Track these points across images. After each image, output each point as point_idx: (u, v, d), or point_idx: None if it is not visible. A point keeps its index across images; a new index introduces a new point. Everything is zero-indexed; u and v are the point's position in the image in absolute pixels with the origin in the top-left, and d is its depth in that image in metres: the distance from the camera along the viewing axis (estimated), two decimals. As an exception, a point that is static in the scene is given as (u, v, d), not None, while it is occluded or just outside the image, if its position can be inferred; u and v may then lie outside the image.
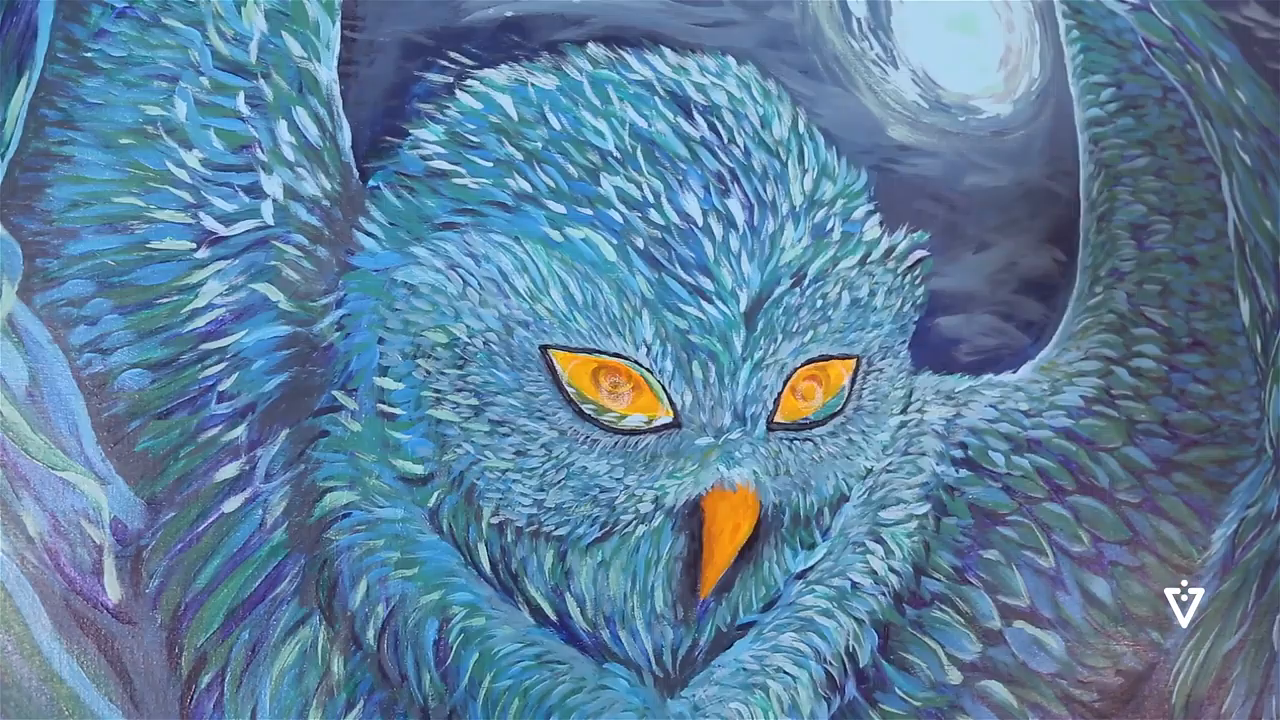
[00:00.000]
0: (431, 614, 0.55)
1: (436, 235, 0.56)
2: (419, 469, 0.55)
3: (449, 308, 0.55)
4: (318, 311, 0.54)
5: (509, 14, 0.58)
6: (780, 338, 0.59)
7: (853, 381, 0.61)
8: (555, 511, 0.57)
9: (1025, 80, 0.68)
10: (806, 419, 0.60)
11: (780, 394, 0.59)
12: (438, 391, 0.56)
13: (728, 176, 0.58)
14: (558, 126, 0.57)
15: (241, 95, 0.54)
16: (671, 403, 0.57)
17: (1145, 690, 0.66)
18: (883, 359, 0.63)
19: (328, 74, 0.55)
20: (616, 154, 0.57)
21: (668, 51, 0.60)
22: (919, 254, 0.64)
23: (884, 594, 0.63)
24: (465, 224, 0.56)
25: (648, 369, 0.57)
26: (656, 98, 0.58)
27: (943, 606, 0.63)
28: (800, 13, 0.63)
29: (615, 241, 0.57)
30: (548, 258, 0.56)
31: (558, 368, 0.56)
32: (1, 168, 0.51)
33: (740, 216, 0.58)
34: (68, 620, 0.50)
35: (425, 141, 0.56)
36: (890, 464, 0.64)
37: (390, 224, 0.55)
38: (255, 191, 0.54)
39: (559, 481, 0.57)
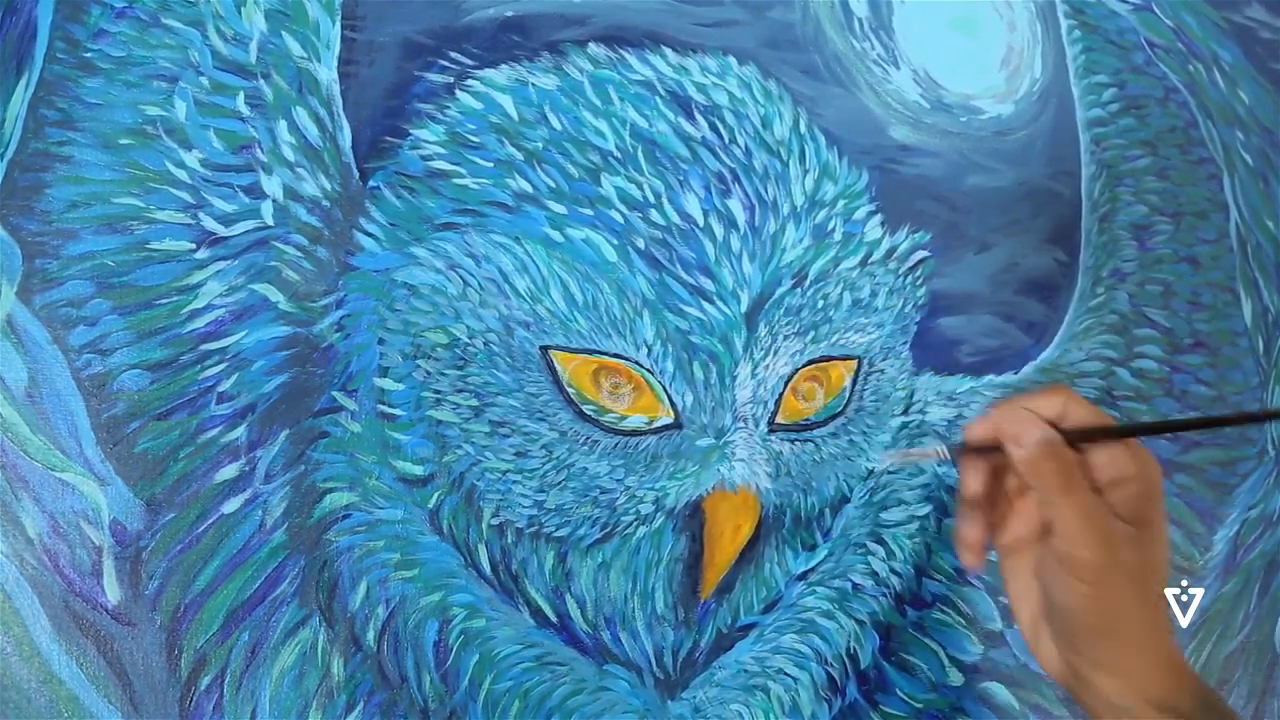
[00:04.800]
0: (432, 615, 0.55)
1: (437, 236, 0.55)
2: (419, 470, 0.55)
3: (449, 308, 0.55)
4: (317, 312, 0.54)
5: (509, 14, 0.58)
6: (781, 338, 0.58)
7: (854, 382, 0.61)
8: (556, 513, 0.57)
9: (1027, 80, 0.68)
10: (808, 420, 0.60)
11: (781, 395, 0.59)
12: (438, 392, 0.55)
13: (729, 177, 0.58)
14: (558, 127, 0.57)
15: (241, 95, 0.54)
16: (672, 403, 0.57)
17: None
18: (884, 360, 0.63)
19: (328, 74, 0.55)
20: (617, 154, 0.57)
21: (669, 51, 0.60)
22: (920, 254, 0.64)
23: (885, 595, 0.63)
24: (465, 224, 0.56)
25: (648, 370, 0.56)
26: (657, 98, 0.58)
27: (944, 608, 0.63)
28: (801, 13, 0.63)
29: (616, 242, 0.56)
30: (548, 258, 0.56)
31: (558, 368, 0.56)
32: (1, 168, 0.51)
33: (741, 217, 0.58)
34: (67, 622, 0.50)
35: (425, 142, 0.56)
36: (892, 465, 0.64)
37: (390, 224, 0.55)
38: (255, 192, 0.54)
39: (559, 483, 0.57)
